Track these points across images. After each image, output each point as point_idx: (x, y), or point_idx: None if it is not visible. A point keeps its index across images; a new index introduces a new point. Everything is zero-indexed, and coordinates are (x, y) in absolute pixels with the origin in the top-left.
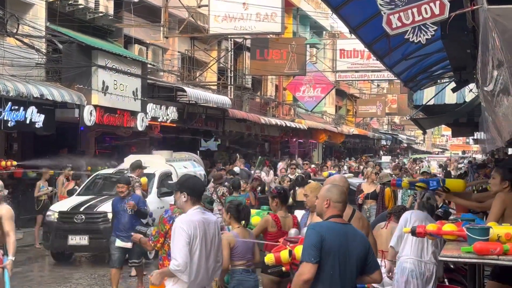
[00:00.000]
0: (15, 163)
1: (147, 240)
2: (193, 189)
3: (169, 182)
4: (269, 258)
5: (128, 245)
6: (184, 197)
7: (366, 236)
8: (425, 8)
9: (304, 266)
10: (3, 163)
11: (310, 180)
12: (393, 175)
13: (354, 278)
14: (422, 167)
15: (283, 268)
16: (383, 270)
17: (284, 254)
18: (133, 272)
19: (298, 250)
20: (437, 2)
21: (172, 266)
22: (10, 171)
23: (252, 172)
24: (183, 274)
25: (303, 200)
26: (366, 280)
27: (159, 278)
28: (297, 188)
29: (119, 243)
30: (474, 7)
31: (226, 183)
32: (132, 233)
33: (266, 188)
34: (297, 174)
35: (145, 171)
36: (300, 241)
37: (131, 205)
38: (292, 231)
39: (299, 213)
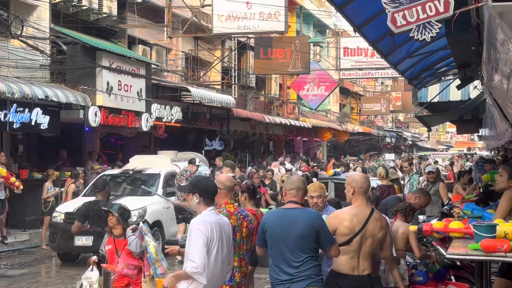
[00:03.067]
0: (21, 187)
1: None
2: (205, 190)
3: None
4: None
5: None
6: (197, 198)
7: (317, 218)
8: (430, 6)
9: (257, 247)
10: (12, 179)
11: (314, 179)
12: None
13: (296, 254)
14: (427, 165)
15: None
16: (387, 268)
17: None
18: None
19: None
20: (442, 0)
21: (190, 268)
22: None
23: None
24: (201, 276)
25: None
26: (327, 255)
27: (174, 282)
28: None
29: None
30: (479, 4)
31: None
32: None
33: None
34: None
35: (149, 171)
36: None
37: None
38: None
39: None
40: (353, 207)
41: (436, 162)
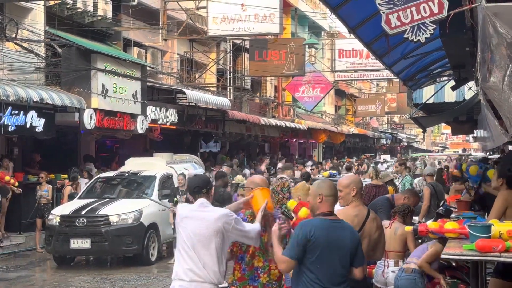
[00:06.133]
0: (16, 184)
1: None
2: (189, 188)
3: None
4: (291, 203)
5: None
6: (191, 199)
7: (357, 232)
8: (424, 7)
9: (285, 258)
10: (7, 177)
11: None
12: (396, 173)
13: (342, 269)
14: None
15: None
16: (386, 270)
17: (304, 211)
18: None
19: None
20: (436, 1)
21: None
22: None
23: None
24: None
25: None
26: (353, 274)
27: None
28: None
29: None
30: (473, 5)
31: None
32: None
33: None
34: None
35: (145, 173)
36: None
37: None
38: None
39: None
40: (352, 207)
41: (439, 163)
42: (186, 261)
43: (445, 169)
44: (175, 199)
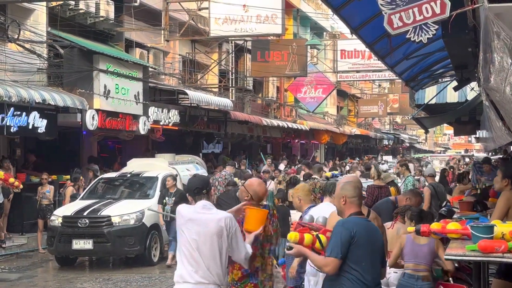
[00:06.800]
0: (21, 186)
1: None
2: (189, 189)
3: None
4: (294, 236)
5: None
6: (190, 199)
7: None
8: (426, 8)
9: (330, 260)
10: (11, 179)
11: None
12: (398, 175)
13: (379, 268)
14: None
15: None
16: (387, 270)
17: (308, 237)
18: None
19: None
20: (438, 2)
21: None
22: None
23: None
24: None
25: None
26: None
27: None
28: (289, 189)
29: None
30: (475, 6)
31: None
32: None
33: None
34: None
35: (147, 174)
36: (323, 231)
37: None
38: (307, 217)
39: (293, 214)
40: None
41: (448, 163)
42: (190, 263)
43: (450, 170)
44: (164, 200)
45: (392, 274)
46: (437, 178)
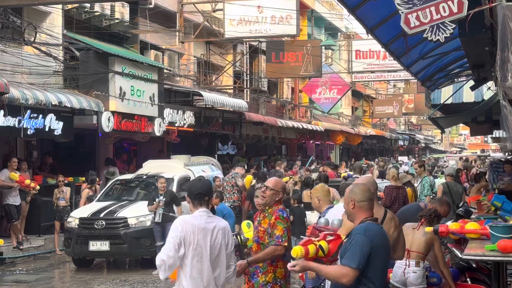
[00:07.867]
0: (38, 187)
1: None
2: (190, 191)
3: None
4: (299, 251)
5: None
6: (188, 200)
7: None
8: (443, 7)
9: (349, 270)
10: (27, 181)
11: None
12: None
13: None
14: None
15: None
16: (407, 269)
17: (312, 248)
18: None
19: (324, 244)
20: (455, 0)
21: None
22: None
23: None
24: (160, 270)
25: (309, 201)
26: None
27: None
28: (304, 190)
29: None
30: (492, 4)
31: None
32: None
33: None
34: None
35: (162, 175)
36: (323, 236)
37: None
38: (322, 220)
39: (308, 215)
40: None
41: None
42: (202, 274)
43: (465, 171)
44: (154, 202)
45: (411, 274)
46: None
